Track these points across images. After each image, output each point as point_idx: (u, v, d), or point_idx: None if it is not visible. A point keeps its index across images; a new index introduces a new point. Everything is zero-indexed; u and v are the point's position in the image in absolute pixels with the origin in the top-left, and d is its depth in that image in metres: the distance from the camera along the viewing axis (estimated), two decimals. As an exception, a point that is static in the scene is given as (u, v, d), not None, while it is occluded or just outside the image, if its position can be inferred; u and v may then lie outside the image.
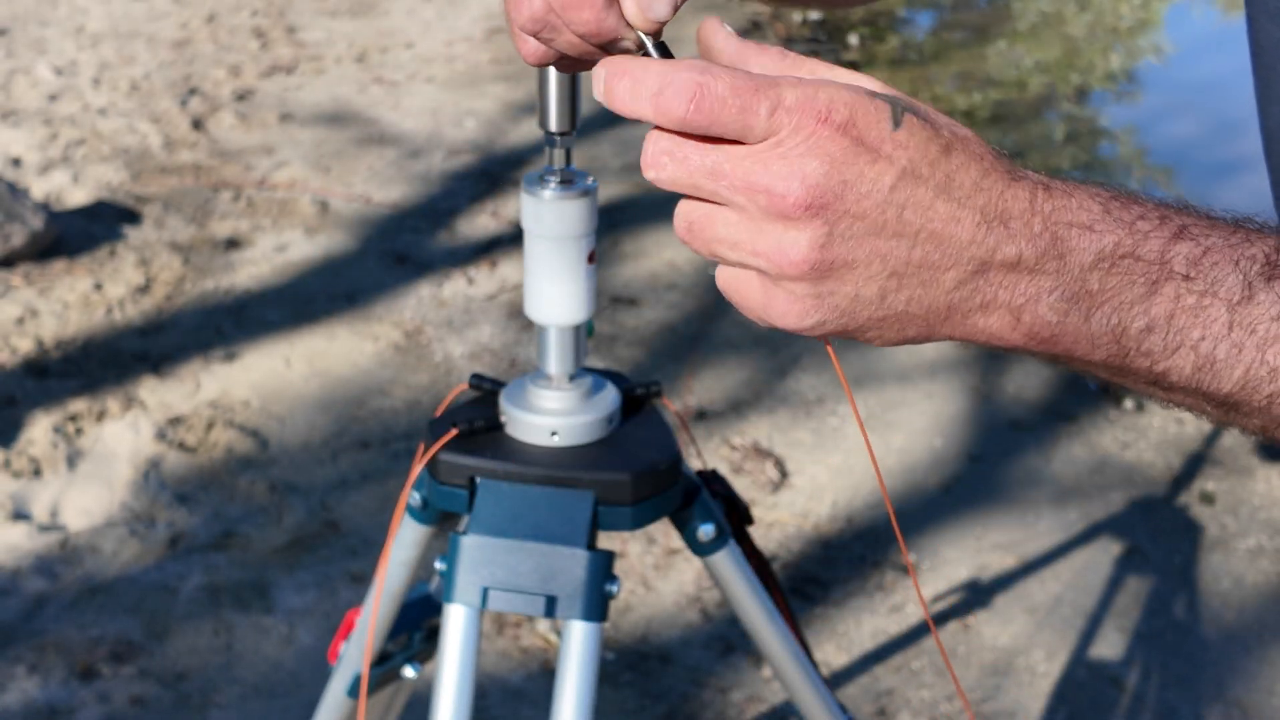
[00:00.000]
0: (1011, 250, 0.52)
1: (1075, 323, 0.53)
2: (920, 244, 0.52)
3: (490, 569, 0.91)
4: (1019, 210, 0.52)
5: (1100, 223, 0.52)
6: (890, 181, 0.52)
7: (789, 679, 1.15)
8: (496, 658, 2.08)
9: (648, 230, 3.60)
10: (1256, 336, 0.51)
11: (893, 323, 0.54)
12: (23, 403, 2.66)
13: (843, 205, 0.52)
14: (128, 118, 4.12)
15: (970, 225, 0.52)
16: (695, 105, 0.53)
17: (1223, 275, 0.52)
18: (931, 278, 0.53)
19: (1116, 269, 0.52)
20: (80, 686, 1.99)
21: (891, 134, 0.53)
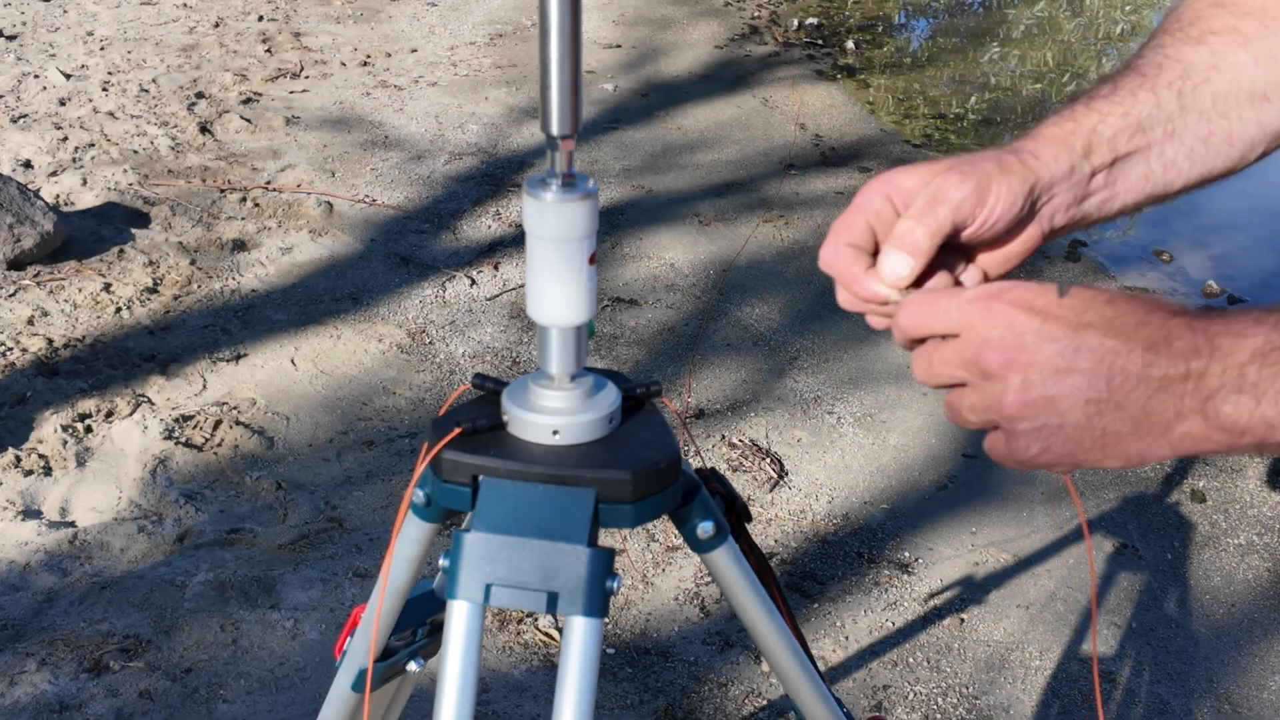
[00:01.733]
0: (1180, 365, 0.64)
1: (1250, 410, 0.63)
2: (1102, 375, 0.65)
3: (493, 565, 0.92)
4: (1180, 333, 0.64)
5: (1249, 328, 0.64)
6: (1063, 332, 0.66)
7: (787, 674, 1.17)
8: (499, 653, 2.11)
9: (648, 232, 3.62)
10: None
11: (1110, 442, 0.66)
12: (33, 401, 2.69)
13: (1028, 357, 0.67)
14: (136, 121, 4.15)
15: (1140, 353, 0.65)
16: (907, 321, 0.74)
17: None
18: (1124, 399, 0.65)
19: (1269, 360, 0.62)
20: (89, 681, 2.02)
21: (1059, 300, 0.67)
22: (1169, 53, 0.92)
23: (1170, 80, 0.90)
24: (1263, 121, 0.93)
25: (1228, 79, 0.91)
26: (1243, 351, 0.63)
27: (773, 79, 5.03)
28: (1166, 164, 0.90)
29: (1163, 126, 0.89)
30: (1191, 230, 4.00)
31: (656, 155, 4.21)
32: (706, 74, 5.01)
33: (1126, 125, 0.88)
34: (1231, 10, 0.94)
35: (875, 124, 4.72)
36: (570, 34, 0.87)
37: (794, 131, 4.51)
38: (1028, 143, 0.86)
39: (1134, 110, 0.89)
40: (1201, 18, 0.94)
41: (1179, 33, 0.93)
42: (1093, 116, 0.88)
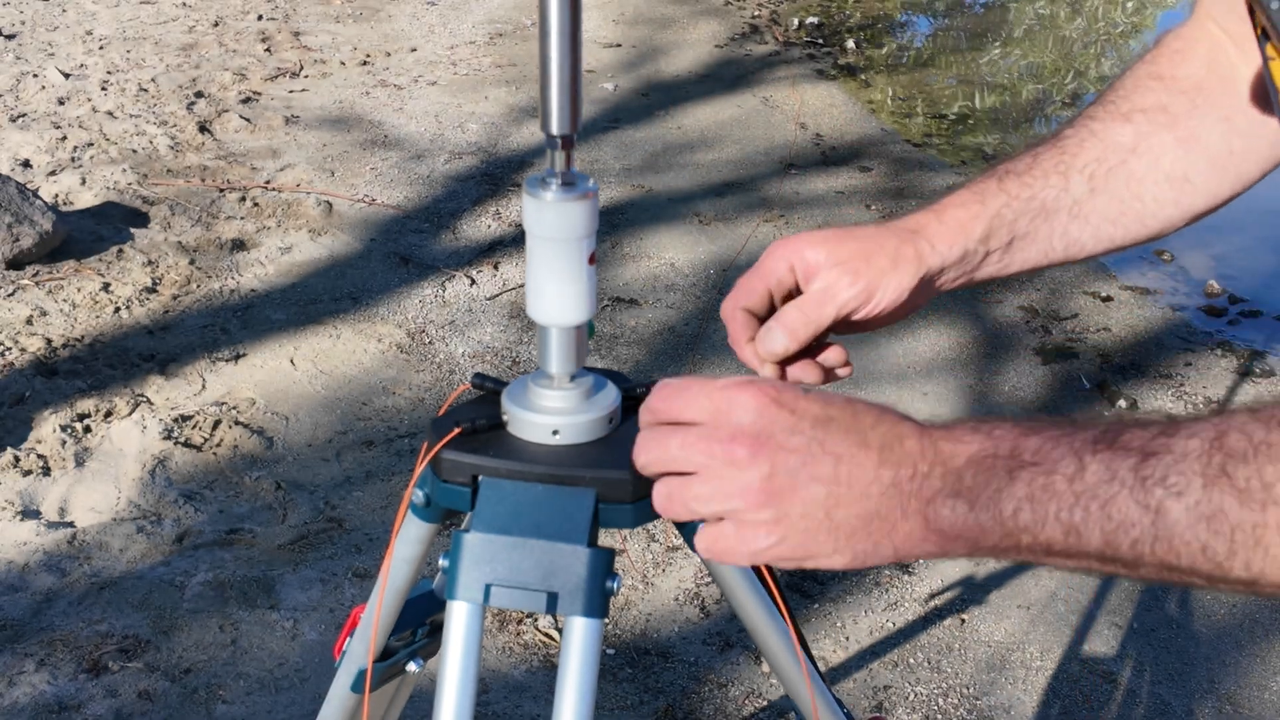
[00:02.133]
0: (909, 468, 0.67)
1: (964, 514, 0.65)
2: (843, 469, 0.67)
3: (492, 566, 0.92)
4: (909, 434, 0.68)
5: (968, 436, 0.67)
6: (808, 425, 0.68)
7: (787, 675, 1.17)
8: (499, 653, 2.11)
9: (648, 232, 3.62)
10: (1098, 500, 0.62)
11: (842, 536, 0.68)
12: (31, 401, 2.69)
13: (777, 444, 0.68)
14: (135, 121, 4.15)
15: (875, 451, 0.67)
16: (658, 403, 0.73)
17: (1059, 456, 0.64)
18: (860, 493, 0.67)
19: (982, 467, 0.65)
20: (88, 681, 2.02)
21: (804, 395, 0.70)
22: (1095, 128, 0.95)
23: (1086, 162, 0.94)
24: (1181, 202, 0.96)
25: (1145, 161, 0.95)
26: (960, 458, 0.66)
27: (773, 78, 5.03)
28: (1069, 242, 0.94)
29: (1068, 210, 0.93)
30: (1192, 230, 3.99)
31: (656, 155, 4.21)
32: (707, 73, 5.01)
33: (1030, 209, 0.93)
34: (1167, 86, 0.97)
35: (876, 123, 4.72)
36: (570, 33, 0.87)
37: (794, 131, 4.51)
38: (931, 223, 0.92)
39: (1041, 194, 0.93)
40: (1137, 90, 0.97)
41: (1112, 105, 0.97)
42: (1000, 199, 0.92)
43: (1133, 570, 0.63)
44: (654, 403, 0.73)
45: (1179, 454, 0.62)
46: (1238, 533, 0.59)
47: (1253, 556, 0.60)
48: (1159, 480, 0.61)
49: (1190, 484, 0.61)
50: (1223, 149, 0.95)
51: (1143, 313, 3.38)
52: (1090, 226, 0.94)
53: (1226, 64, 0.96)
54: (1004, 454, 0.65)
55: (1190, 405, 2.89)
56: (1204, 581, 0.62)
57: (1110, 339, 3.22)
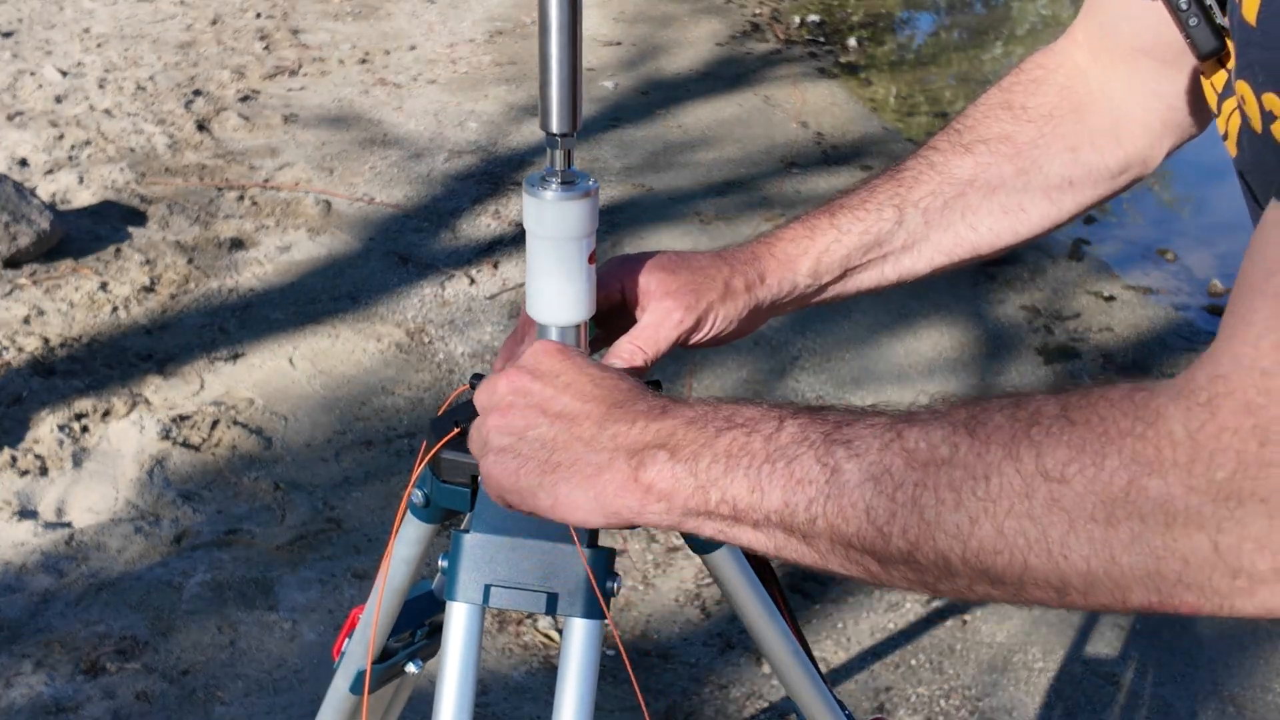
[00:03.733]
0: (629, 420, 0.71)
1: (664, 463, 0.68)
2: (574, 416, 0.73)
3: (492, 566, 0.92)
4: (648, 397, 0.73)
5: (701, 405, 0.70)
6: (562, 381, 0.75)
7: (788, 676, 1.16)
8: (498, 654, 2.10)
9: (648, 231, 3.61)
10: (785, 457, 0.64)
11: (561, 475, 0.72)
12: (29, 401, 2.68)
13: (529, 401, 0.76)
14: (133, 119, 4.14)
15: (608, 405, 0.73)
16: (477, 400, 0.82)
17: (765, 419, 0.67)
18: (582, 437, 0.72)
19: (694, 426, 0.69)
20: (86, 682, 2.01)
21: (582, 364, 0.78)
22: (935, 160, 0.98)
23: (921, 196, 0.97)
24: (1017, 230, 0.99)
25: (981, 193, 0.98)
26: (681, 418, 0.69)
27: (774, 77, 5.02)
28: (902, 270, 0.98)
29: (901, 241, 0.97)
30: (1195, 229, 3.99)
31: (657, 153, 4.20)
32: (707, 72, 5.01)
33: (863, 244, 0.96)
34: (1015, 116, 0.99)
35: (877, 122, 4.71)
36: (570, 31, 0.86)
37: (795, 129, 4.50)
38: (763, 256, 0.96)
39: (874, 228, 0.96)
40: (984, 121, 1.00)
41: (956, 135, 1.00)
42: (830, 235, 0.96)
43: (810, 542, 0.64)
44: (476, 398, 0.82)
45: (869, 423, 0.63)
46: (899, 493, 0.60)
47: (909, 521, 0.59)
48: (844, 442, 0.63)
49: (869, 446, 0.62)
50: (1062, 180, 0.98)
51: (1145, 312, 3.37)
52: (924, 257, 0.98)
53: (1083, 92, 0.98)
54: (720, 418, 0.68)
55: (1192, 405, 2.88)
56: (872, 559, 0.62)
57: (1113, 339, 3.21)
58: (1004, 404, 0.61)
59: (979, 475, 0.58)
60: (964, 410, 0.61)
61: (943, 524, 0.58)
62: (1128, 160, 0.98)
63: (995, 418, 0.60)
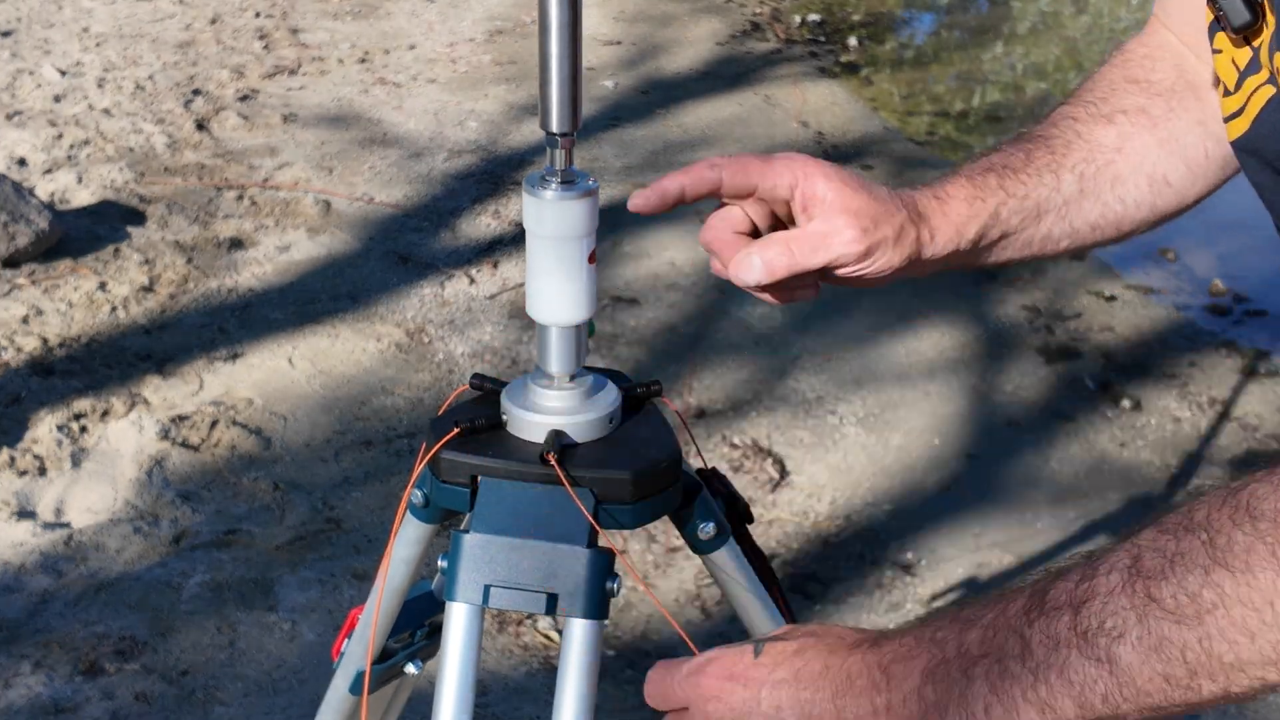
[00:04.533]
0: (866, 703, 0.69)
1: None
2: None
3: (492, 567, 0.92)
4: (857, 671, 0.70)
5: (913, 649, 0.68)
6: (766, 693, 0.73)
7: (787, 675, 1.16)
8: (498, 655, 2.10)
9: (648, 231, 3.61)
10: (1054, 669, 0.63)
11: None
12: (27, 401, 2.68)
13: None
14: (132, 118, 4.14)
15: (829, 699, 0.70)
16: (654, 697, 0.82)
17: (1002, 640, 0.65)
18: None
19: (938, 676, 0.66)
20: (85, 683, 2.00)
21: (754, 662, 0.74)
22: (1080, 130, 0.96)
23: (1075, 162, 0.95)
24: (1156, 205, 0.97)
25: (1131, 162, 0.96)
26: (914, 676, 0.67)
27: (774, 76, 5.02)
28: (1046, 241, 0.95)
29: (1057, 210, 0.94)
30: (1197, 229, 3.98)
31: (657, 153, 4.20)
32: (708, 71, 5.00)
33: (1024, 208, 0.93)
34: (1144, 89, 0.97)
35: (878, 121, 4.71)
36: (570, 31, 0.86)
37: (796, 129, 4.50)
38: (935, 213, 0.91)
39: (1035, 193, 0.93)
40: (1115, 93, 0.98)
41: (1092, 106, 0.97)
42: (999, 196, 0.93)
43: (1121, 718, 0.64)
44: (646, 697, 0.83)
45: (1105, 595, 0.62)
46: (1188, 652, 0.60)
47: (1213, 669, 0.59)
48: (1098, 629, 0.62)
49: (1126, 621, 0.61)
50: (1199, 152, 0.96)
51: (1147, 312, 3.37)
52: (1071, 229, 0.95)
53: (1193, 70, 0.96)
54: (952, 657, 0.66)
55: (1194, 405, 2.88)
56: (1184, 709, 0.62)
57: (1114, 338, 3.21)
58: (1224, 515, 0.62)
59: (1260, 605, 0.59)
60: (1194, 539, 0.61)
61: (1247, 659, 0.59)
62: None
63: (1235, 536, 0.60)
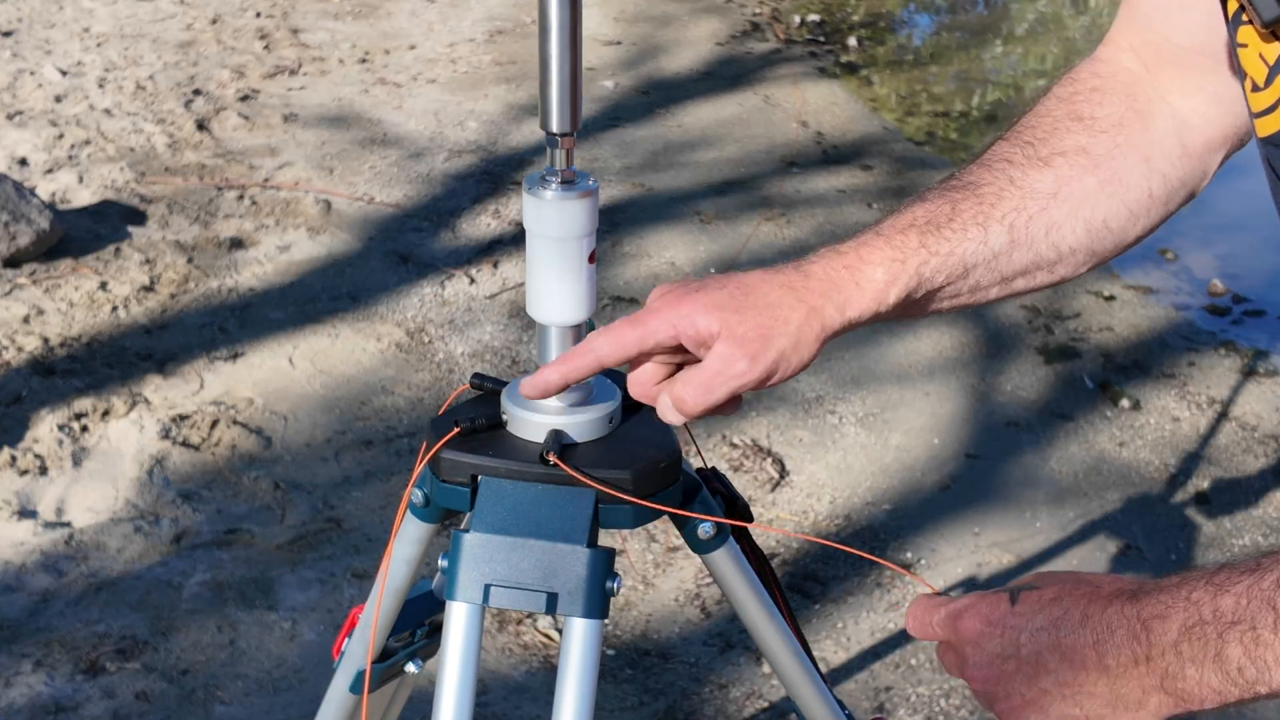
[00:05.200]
0: (1127, 653, 0.72)
1: (1197, 682, 0.70)
2: (1067, 673, 0.74)
3: (492, 566, 0.92)
4: (1117, 623, 0.73)
5: (1169, 606, 0.72)
6: (1023, 640, 0.76)
7: (788, 676, 1.16)
8: (498, 654, 2.10)
9: (648, 231, 3.61)
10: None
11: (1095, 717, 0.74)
12: (29, 401, 2.68)
13: (1003, 674, 0.76)
14: (133, 118, 4.14)
15: (1091, 649, 0.73)
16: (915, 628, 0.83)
17: (1255, 610, 0.69)
18: (1092, 688, 0.73)
19: (1194, 635, 0.70)
20: (85, 682, 2.01)
21: (1011, 610, 0.77)
22: (1014, 175, 0.92)
23: (1006, 212, 0.91)
24: (1094, 250, 0.94)
25: (1067, 208, 0.92)
26: (1171, 631, 0.71)
27: (774, 76, 5.02)
28: (976, 290, 0.92)
29: (986, 263, 0.91)
30: (1197, 229, 3.98)
31: (657, 153, 4.20)
32: (707, 71, 5.00)
33: (948, 265, 0.90)
34: (1087, 127, 0.93)
35: (878, 121, 4.71)
36: (570, 31, 0.86)
37: (796, 129, 4.50)
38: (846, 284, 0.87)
39: (960, 249, 0.90)
40: (1055, 133, 0.94)
41: (1030, 148, 0.94)
42: (919, 256, 0.89)
43: None
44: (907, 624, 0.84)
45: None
46: None
47: None
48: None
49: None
50: (1142, 193, 0.93)
51: (1146, 312, 3.37)
52: (1000, 279, 0.92)
53: (1144, 99, 0.93)
54: (1208, 618, 0.70)
55: (1193, 405, 2.88)
56: None
57: (1113, 338, 3.21)
58: None
59: None
60: None
61: None
62: (1190, 172, 0.94)
63: None
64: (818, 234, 3.69)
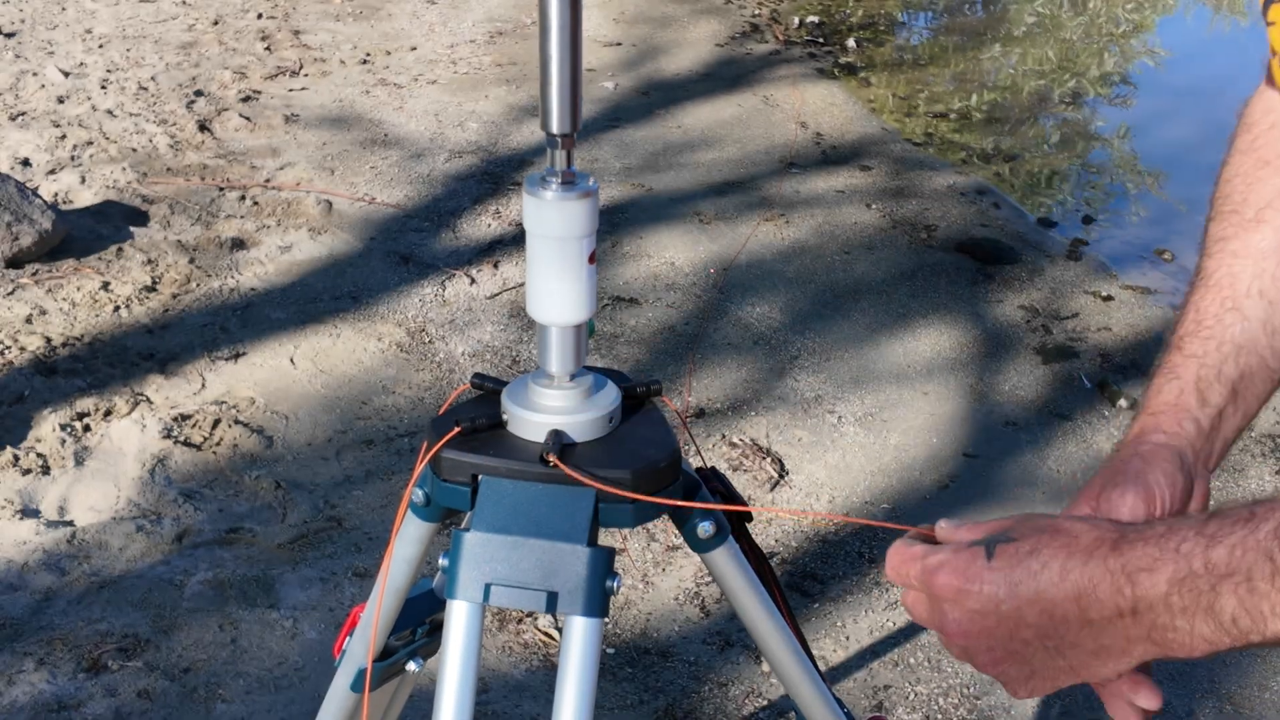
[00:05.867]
0: (1111, 607, 0.72)
1: (1188, 633, 0.70)
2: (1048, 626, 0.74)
3: (492, 565, 0.92)
4: (1100, 577, 0.72)
5: (1157, 559, 0.70)
6: (1002, 596, 0.75)
7: (787, 674, 1.17)
8: (498, 653, 2.11)
9: (648, 231, 3.62)
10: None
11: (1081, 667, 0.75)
12: (31, 400, 2.69)
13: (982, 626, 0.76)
14: (135, 119, 4.15)
15: (1073, 603, 0.73)
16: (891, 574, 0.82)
17: (1250, 561, 0.68)
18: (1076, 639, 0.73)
19: (1185, 588, 0.69)
20: (87, 680, 2.01)
21: (987, 566, 0.76)
22: (1235, 248, 0.93)
23: (1247, 284, 0.92)
24: None
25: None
26: (1160, 584, 0.70)
27: (773, 77, 5.02)
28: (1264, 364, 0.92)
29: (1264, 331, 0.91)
30: (1193, 229, 3.98)
31: (657, 154, 4.21)
32: (707, 72, 5.01)
33: (1225, 353, 0.91)
34: (1277, 170, 0.94)
35: (877, 122, 4.72)
36: (570, 32, 0.87)
37: (795, 130, 4.51)
38: (1147, 424, 0.91)
39: (1227, 334, 0.91)
40: (1252, 189, 0.94)
41: (1236, 215, 0.94)
42: (1191, 364, 0.91)
43: None
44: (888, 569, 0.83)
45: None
46: None
47: None
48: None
49: None
50: None
51: (1143, 312, 3.38)
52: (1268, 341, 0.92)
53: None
54: (1199, 570, 0.69)
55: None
56: None
57: (1111, 338, 3.22)
58: None
59: None
60: None
61: None
62: None
63: None
64: (817, 234, 3.70)
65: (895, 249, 3.64)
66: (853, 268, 3.51)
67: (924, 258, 3.59)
